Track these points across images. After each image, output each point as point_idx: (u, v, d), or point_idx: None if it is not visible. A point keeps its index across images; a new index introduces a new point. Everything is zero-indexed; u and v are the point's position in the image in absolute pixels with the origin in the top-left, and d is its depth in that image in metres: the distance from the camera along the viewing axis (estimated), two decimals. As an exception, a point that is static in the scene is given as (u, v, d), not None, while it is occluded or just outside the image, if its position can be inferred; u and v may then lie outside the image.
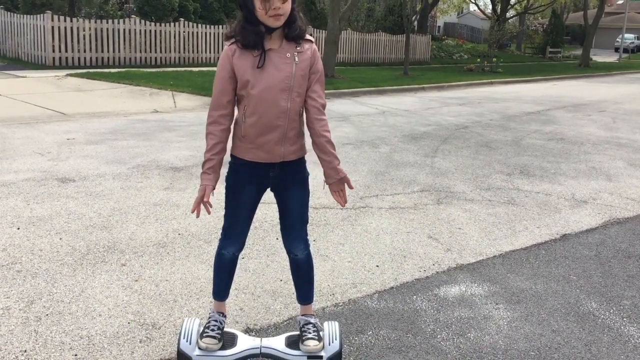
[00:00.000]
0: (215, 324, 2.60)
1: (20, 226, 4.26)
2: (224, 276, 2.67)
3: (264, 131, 2.36)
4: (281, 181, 2.50)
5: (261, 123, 2.35)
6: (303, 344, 2.57)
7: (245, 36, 2.27)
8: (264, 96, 2.31)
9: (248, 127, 2.37)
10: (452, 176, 6.37)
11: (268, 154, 2.41)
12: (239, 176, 2.48)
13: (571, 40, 51.22)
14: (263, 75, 2.30)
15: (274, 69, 2.30)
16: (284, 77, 2.31)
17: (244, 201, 2.52)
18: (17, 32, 16.30)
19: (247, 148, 2.42)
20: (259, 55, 2.29)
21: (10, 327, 2.89)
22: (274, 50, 2.31)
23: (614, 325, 3.22)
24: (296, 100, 2.36)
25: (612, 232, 4.83)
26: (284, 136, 2.39)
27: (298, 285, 2.72)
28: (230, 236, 2.60)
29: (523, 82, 20.11)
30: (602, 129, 10.25)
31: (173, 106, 10.64)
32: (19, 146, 6.80)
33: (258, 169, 2.45)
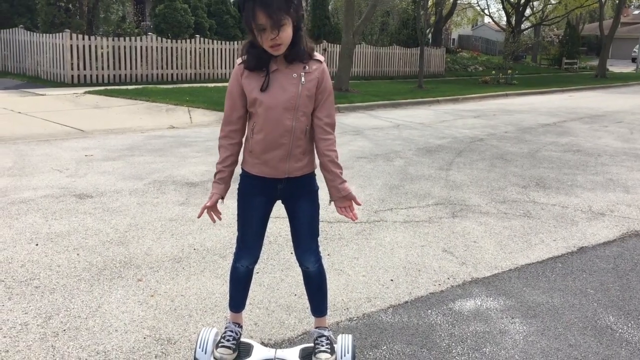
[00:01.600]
0: (231, 334, 2.67)
1: (39, 242, 4.32)
2: (239, 288, 2.74)
3: (268, 148, 2.43)
4: (289, 194, 2.55)
5: (266, 140, 2.41)
6: (315, 356, 2.60)
7: (250, 60, 2.36)
8: (269, 115, 2.37)
9: (255, 143, 2.45)
10: (467, 189, 6.34)
11: (273, 170, 2.47)
12: (247, 188, 2.56)
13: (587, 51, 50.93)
14: (269, 95, 2.35)
15: (279, 89, 2.35)
16: (289, 97, 2.36)
17: (254, 212, 2.58)
18: (36, 50, 16.61)
19: (254, 163, 2.50)
20: (265, 76, 2.35)
21: (29, 342, 2.93)
22: (280, 71, 2.37)
23: (632, 339, 3.18)
24: (301, 119, 2.41)
25: (630, 244, 4.77)
26: (289, 154, 2.44)
27: (310, 298, 2.77)
28: (243, 248, 2.66)
29: (538, 94, 20.01)
30: (619, 140, 10.16)
31: (189, 122, 10.75)
32: (37, 163, 6.91)
33: (265, 182, 2.51)
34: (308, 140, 2.49)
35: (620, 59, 50.55)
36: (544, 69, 34.76)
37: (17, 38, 17.18)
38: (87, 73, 15.85)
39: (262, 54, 2.31)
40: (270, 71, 2.35)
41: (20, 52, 17.32)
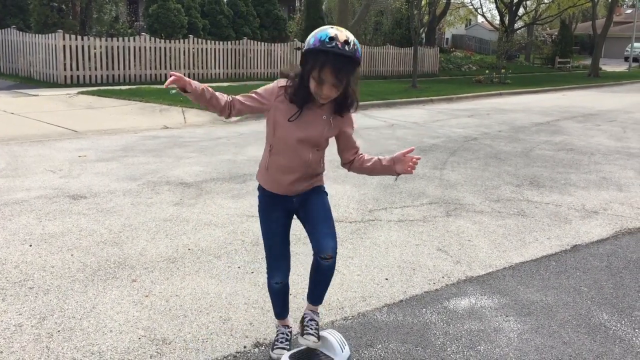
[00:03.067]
0: (283, 336, 2.88)
1: (33, 243, 4.31)
2: (279, 301, 2.87)
3: (283, 172, 2.58)
4: (303, 200, 2.68)
5: (282, 165, 2.56)
6: (304, 337, 2.67)
7: (296, 94, 2.45)
8: (290, 144, 2.52)
9: (271, 162, 2.59)
10: (461, 188, 6.36)
11: (284, 189, 2.63)
12: (266, 203, 2.70)
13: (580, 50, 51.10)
14: (294, 127, 2.48)
15: (306, 124, 2.49)
16: (315, 134, 2.51)
17: (275, 224, 2.69)
18: (29, 51, 16.53)
19: (267, 179, 2.65)
20: (297, 112, 2.47)
21: (23, 343, 2.92)
22: (312, 109, 2.49)
23: (626, 337, 3.19)
24: (318, 152, 2.59)
25: (623, 242, 4.80)
26: (300, 178, 2.60)
27: (315, 287, 2.73)
28: (272, 263, 2.75)
29: (532, 93, 20.08)
30: (612, 138, 10.21)
31: (183, 122, 10.73)
32: (31, 164, 6.88)
33: (281, 198, 2.65)
34: (321, 166, 2.67)
35: (613, 57, 50.75)
36: (537, 68, 34.87)
37: (10, 38, 17.09)
38: (80, 73, 15.80)
39: (308, 95, 2.43)
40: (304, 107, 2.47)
41: (12, 52, 17.23)
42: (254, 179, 6.44)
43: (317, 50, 2.31)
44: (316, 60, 2.31)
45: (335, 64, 2.29)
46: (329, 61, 2.29)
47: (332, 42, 2.29)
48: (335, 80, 2.33)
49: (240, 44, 19.79)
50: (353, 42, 2.34)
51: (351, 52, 2.32)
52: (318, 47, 2.31)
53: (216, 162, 7.26)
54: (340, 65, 2.30)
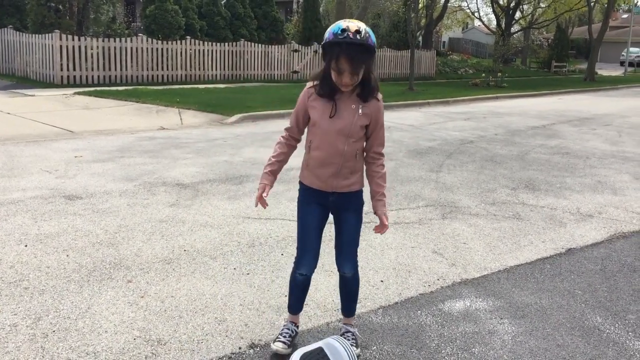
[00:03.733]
0: (288, 331, 2.96)
1: (28, 243, 4.30)
2: (297, 294, 2.97)
3: (321, 165, 2.74)
4: (339, 207, 2.82)
5: (320, 158, 2.72)
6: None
7: (322, 87, 2.66)
8: (325, 137, 2.69)
9: (310, 159, 2.78)
10: (457, 191, 6.38)
11: (323, 184, 2.77)
12: (305, 197, 2.85)
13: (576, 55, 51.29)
14: (328, 120, 2.66)
15: (337, 116, 2.66)
16: (345, 124, 2.66)
17: (311, 219, 2.82)
18: (26, 51, 16.51)
19: (307, 175, 2.81)
20: (332, 105, 2.65)
21: (18, 343, 2.92)
22: (342, 100, 2.66)
23: (619, 340, 3.21)
24: (353, 144, 2.71)
25: (617, 246, 4.82)
26: (338, 172, 2.74)
27: (343, 300, 3.03)
28: (301, 255, 2.85)
29: (528, 97, 20.14)
30: (607, 142, 10.25)
31: (179, 123, 10.72)
32: (27, 164, 6.87)
33: (319, 193, 2.79)
34: (358, 161, 2.78)
35: (609, 62, 50.96)
36: (534, 72, 34.97)
37: (7, 38, 17.07)
38: (77, 74, 15.78)
39: (334, 86, 2.62)
40: (335, 99, 2.65)
41: (9, 52, 17.20)
42: (250, 180, 6.47)
43: (332, 43, 2.51)
44: (332, 52, 2.52)
45: (349, 53, 2.48)
46: (343, 51, 2.48)
47: (344, 33, 2.48)
48: (351, 68, 2.51)
49: (238, 46, 19.80)
50: (365, 31, 2.52)
51: (363, 40, 2.50)
52: (332, 39, 2.50)
53: (212, 163, 7.26)
54: (353, 54, 2.48)
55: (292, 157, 2.90)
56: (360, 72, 2.56)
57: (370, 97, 2.69)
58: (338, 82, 2.58)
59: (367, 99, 2.68)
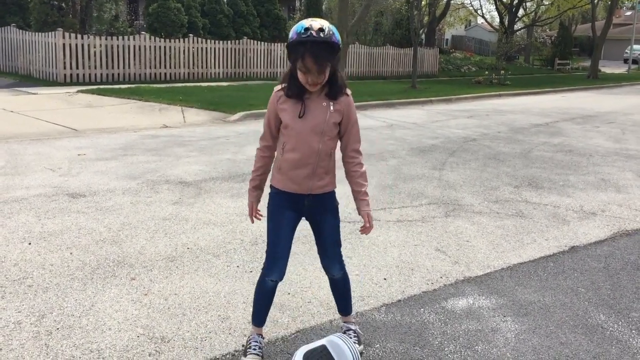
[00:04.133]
0: (256, 343, 2.84)
1: (32, 241, 4.32)
2: (265, 303, 2.86)
3: (296, 166, 2.68)
4: (314, 210, 2.78)
5: (295, 159, 2.67)
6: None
7: (290, 88, 2.62)
8: (299, 137, 2.64)
9: (284, 161, 2.70)
10: (460, 189, 6.37)
11: (298, 186, 2.71)
12: (277, 203, 2.76)
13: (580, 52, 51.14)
14: (300, 120, 2.63)
15: (310, 115, 2.63)
16: (318, 122, 2.63)
17: (283, 225, 2.76)
18: (29, 49, 16.53)
19: (281, 179, 2.74)
20: (301, 105, 2.61)
21: (22, 341, 2.93)
22: (312, 99, 2.63)
23: (623, 337, 3.21)
24: (327, 142, 2.68)
25: (621, 244, 4.81)
26: (313, 172, 2.70)
27: (337, 300, 3.02)
28: (273, 261, 2.78)
29: (531, 94, 20.10)
30: (611, 140, 10.23)
31: (182, 121, 10.73)
32: (30, 162, 6.89)
33: (292, 197, 2.73)
34: (331, 160, 2.75)
35: (612, 59, 50.80)
36: (537, 70, 34.89)
37: (9, 37, 17.09)
38: (80, 72, 15.80)
39: (302, 86, 2.59)
40: (304, 99, 2.62)
41: (12, 51, 17.23)
42: (253, 178, 6.47)
43: (296, 43, 2.48)
44: (297, 52, 2.49)
45: (313, 51, 2.45)
46: (307, 50, 2.45)
47: (307, 32, 2.45)
48: (317, 66, 2.48)
49: (240, 44, 19.80)
50: (328, 29, 2.48)
51: (326, 37, 2.46)
52: (296, 39, 2.47)
53: (215, 162, 7.27)
54: (318, 52, 2.45)
55: None
56: (326, 70, 2.53)
57: (340, 95, 2.66)
58: (305, 82, 2.55)
59: (337, 97, 2.65)
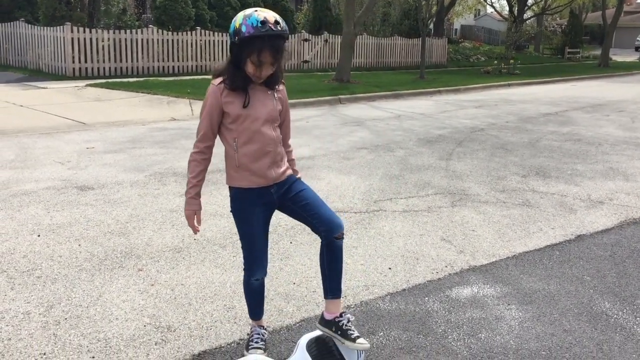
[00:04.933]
0: (258, 336, 2.82)
1: (41, 233, 4.37)
2: (257, 298, 2.82)
3: (257, 158, 2.58)
4: (284, 194, 2.67)
5: (254, 151, 2.57)
6: (356, 342, 2.56)
7: (235, 81, 2.52)
8: (256, 127, 2.56)
9: (242, 156, 2.58)
10: (467, 179, 6.37)
11: (262, 179, 2.61)
12: (244, 203, 2.63)
13: (590, 41, 50.66)
14: (252, 110, 2.55)
15: (260, 104, 2.57)
16: (270, 110, 2.60)
17: (256, 223, 2.64)
18: (37, 44, 16.62)
19: (242, 176, 2.61)
20: (245, 96, 2.54)
21: (31, 330, 2.98)
22: (256, 89, 2.57)
23: (627, 325, 3.21)
24: (277, 129, 2.66)
25: (627, 232, 4.80)
26: (274, 161, 2.62)
27: (334, 276, 2.66)
28: (253, 262, 2.70)
29: (541, 84, 19.96)
30: (620, 129, 10.15)
31: (190, 114, 10.77)
32: (39, 156, 6.95)
33: (260, 193, 2.62)
34: (281, 147, 2.72)
35: (623, 47, 50.29)
36: (547, 59, 34.60)
37: (18, 31, 17.19)
38: (89, 66, 15.87)
39: (247, 78, 2.52)
40: (249, 90, 2.55)
41: (21, 45, 17.33)
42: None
43: (253, 37, 2.40)
44: (253, 45, 2.41)
45: (273, 46, 2.42)
46: (266, 44, 2.41)
47: (265, 25, 2.39)
48: (273, 60, 2.46)
49: (248, 36, 19.77)
50: (282, 21, 2.46)
51: (283, 30, 2.44)
52: (253, 33, 2.40)
53: (222, 154, 7.26)
54: (277, 46, 2.43)
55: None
56: (278, 63, 2.50)
57: (279, 84, 2.64)
58: (254, 75, 2.49)
59: (276, 86, 2.63)
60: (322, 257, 2.65)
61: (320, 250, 2.65)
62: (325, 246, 2.62)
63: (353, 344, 2.57)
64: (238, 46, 2.46)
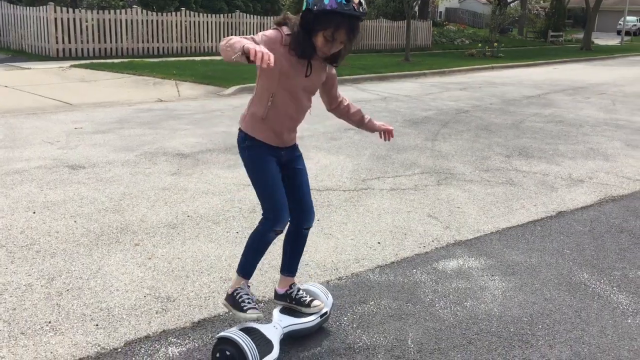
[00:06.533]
0: (249, 297, 2.70)
1: (36, 210, 4.44)
2: (261, 254, 2.74)
3: (284, 120, 2.60)
4: (290, 161, 2.73)
5: (284, 113, 2.58)
6: (311, 306, 2.81)
7: (305, 50, 2.46)
8: (294, 93, 2.56)
9: (271, 112, 2.56)
10: (452, 159, 6.52)
11: (279, 140, 2.64)
12: (262, 154, 2.60)
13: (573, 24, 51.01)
14: (303, 78, 2.53)
15: (314, 75, 2.56)
16: (314, 82, 2.61)
17: (275, 170, 2.63)
18: (20, 24, 16.42)
19: (262, 129, 2.59)
20: (307, 65, 2.52)
21: (34, 301, 3.08)
22: (314, 58, 2.53)
23: (604, 294, 3.39)
24: (311, 100, 2.69)
25: (606, 209, 4.99)
26: (294, 127, 2.69)
27: (295, 259, 2.88)
28: (280, 208, 2.61)
29: (524, 67, 20.16)
30: (601, 111, 10.37)
31: (177, 95, 10.79)
32: (28, 136, 6.97)
33: (273, 150, 2.64)
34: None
35: (605, 31, 50.72)
36: (530, 42, 34.83)
37: (1, 11, 16.95)
38: (72, 47, 15.74)
39: (313, 50, 2.47)
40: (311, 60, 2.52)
41: (3, 25, 17.10)
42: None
43: (335, 12, 2.35)
44: (331, 21, 2.36)
45: (351, 25, 2.39)
46: (345, 23, 2.37)
47: (349, 4, 2.35)
48: (347, 40, 2.43)
49: (233, 17, 19.70)
50: (364, 2, 2.43)
51: (364, 12, 2.41)
52: (335, 8, 2.34)
53: (211, 134, 7.37)
54: (354, 26, 2.41)
55: None
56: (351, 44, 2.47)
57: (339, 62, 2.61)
58: (321, 49, 2.45)
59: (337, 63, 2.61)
60: (288, 239, 2.85)
61: (287, 232, 2.82)
62: (294, 232, 2.82)
63: (308, 308, 2.81)
64: (315, 16, 2.39)
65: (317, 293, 2.92)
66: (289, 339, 2.78)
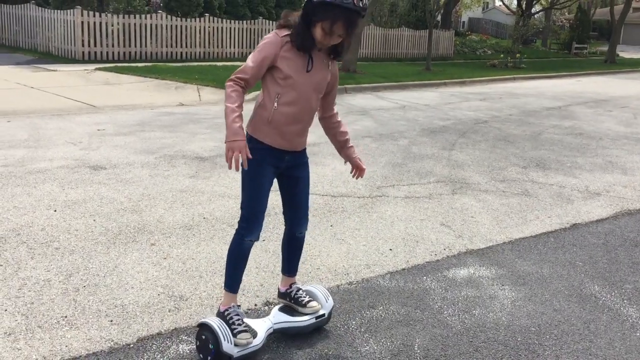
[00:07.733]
0: (239, 317, 2.68)
1: (57, 209, 4.56)
2: (243, 265, 2.74)
3: (291, 122, 2.58)
4: (292, 165, 2.72)
5: (291, 114, 2.56)
6: (307, 307, 2.88)
7: (305, 41, 2.49)
8: (301, 92, 2.55)
9: (278, 114, 2.56)
10: (468, 168, 6.53)
11: (287, 143, 2.62)
12: (259, 159, 2.56)
13: (598, 36, 50.52)
14: (306, 74, 2.54)
15: (315, 70, 2.56)
16: (320, 80, 2.60)
17: (265, 184, 2.64)
18: (48, 26, 16.77)
19: (269, 133, 2.58)
20: (308, 59, 2.54)
21: (52, 296, 3.17)
22: (317, 54, 2.57)
23: (614, 307, 3.38)
24: (319, 100, 2.68)
25: (622, 222, 4.96)
26: (303, 130, 2.66)
27: (292, 260, 2.97)
28: (253, 221, 2.65)
29: (546, 78, 20.03)
30: (621, 124, 10.28)
31: (198, 99, 10.93)
32: (52, 136, 7.13)
33: (276, 154, 2.62)
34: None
35: (631, 44, 50.10)
36: (554, 54, 34.60)
37: (29, 14, 17.33)
38: (98, 50, 16.03)
39: (313, 42, 2.50)
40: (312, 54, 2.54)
41: (31, 28, 17.48)
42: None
43: (334, 5, 2.38)
44: (329, 13, 2.39)
45: (349, 18, 2.41)
46: (343, 16, 2.40)
47: None
48: (345, 33, 2.46)
49: (256, 24, 19.89)
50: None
51: (364, 7, 2.44)
52: (334, 1, 2.38)
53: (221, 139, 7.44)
54: (353, 20, 2.43)
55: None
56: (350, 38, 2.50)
57: (341, 55, 2.62)
58: (319, 41, 2.47)
59: (339, 57, 2.62)
60: (284, 242, 2.95)
61: (284, 237, 2.94)
62: (289, 236, 2.91)
63: (304, 308, 2.88)
64: (314, 6, 2.43)
65: (316, 294, 2.97)
66: (294, 339, 2.83)
